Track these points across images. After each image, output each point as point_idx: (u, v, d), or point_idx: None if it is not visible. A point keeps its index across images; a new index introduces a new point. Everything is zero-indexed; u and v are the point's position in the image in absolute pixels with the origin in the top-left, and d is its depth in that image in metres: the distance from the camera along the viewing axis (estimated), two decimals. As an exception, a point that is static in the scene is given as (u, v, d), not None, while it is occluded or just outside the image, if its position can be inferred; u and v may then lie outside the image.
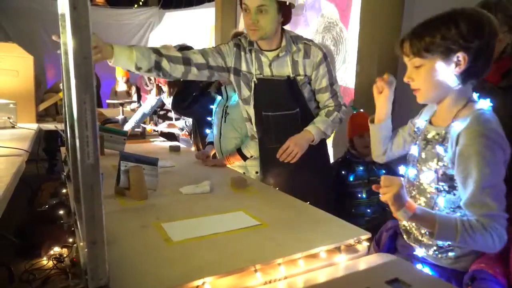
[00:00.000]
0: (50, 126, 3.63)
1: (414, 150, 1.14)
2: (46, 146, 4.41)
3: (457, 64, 0.96)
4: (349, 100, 2.84)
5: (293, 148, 1.57)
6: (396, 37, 2.45)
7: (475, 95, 1.05)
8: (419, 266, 1.11)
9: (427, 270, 1.10)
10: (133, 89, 5.23)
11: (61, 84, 2.89)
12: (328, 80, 1.70)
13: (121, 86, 5.18)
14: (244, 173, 2.07)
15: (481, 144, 0.92)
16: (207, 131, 2.39)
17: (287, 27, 1.73)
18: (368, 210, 2.17)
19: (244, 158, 2.06)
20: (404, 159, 1.23)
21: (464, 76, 0.98)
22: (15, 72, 3.40)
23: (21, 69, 3.41)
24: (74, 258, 2.33)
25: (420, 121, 1.18)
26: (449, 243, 1.04)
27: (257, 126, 1.82)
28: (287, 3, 1.59)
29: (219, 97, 2.30)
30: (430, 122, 1.12)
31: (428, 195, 1.07)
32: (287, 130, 1.67)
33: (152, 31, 6.65)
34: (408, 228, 1.18)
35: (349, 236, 1.14)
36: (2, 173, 1.71)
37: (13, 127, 3.09)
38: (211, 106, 2.37)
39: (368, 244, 1.14)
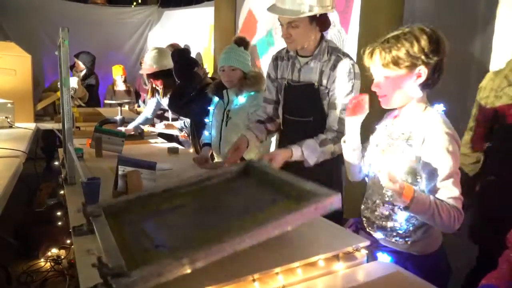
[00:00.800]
0: (48, 125, 3.61)
1: (377, 150, 1.28)
2: (44, 145, 4.40)
3: (418, 76, 1.14)
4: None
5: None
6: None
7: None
8: (379, 254, 1.19)
9: (386, 256, 1.17)
10: (132, 88, 5.21)
11: (59, 83, 2.88)
12: (344, 97, 1.59)
13: (120, 86, 5.15)
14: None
15: (445, 141, 1.11)
16: (206, 133, 2.38)
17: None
18: None
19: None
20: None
21: (423, 86, 1.16)
22: (13, 71, 3.38)
23: (19, 68, 3.39)
24: (72, 259, 2.33)
25: (382, 127, 1.33)
26: (407, 228, 1.21)
27: (281, 125, 1.87)
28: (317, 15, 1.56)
29: (216, 98, 2.29)
30: (391, 125, 1.28)
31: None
32: (298, 136, 1.64)
33: (151, 30, 6.62)
34: (371, 218, 1.30)
35: (347, 244, 1.13)
36: (-1, 175, 1.70)
37: (10, 126, 3.08)
38: (209, 108, 2.37)
39: (367, 251, 1.14)
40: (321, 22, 1.61)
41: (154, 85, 3.04)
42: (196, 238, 1.00)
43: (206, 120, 2.39)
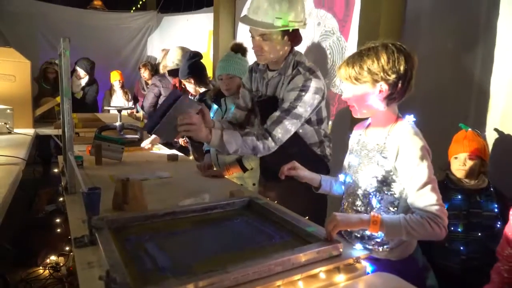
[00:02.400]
0: (47, 131, 3.61)
1: (352, 159, 1.35)
2: (40, 151, 4.40)
3: (380, 91, 1.19)
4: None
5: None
6: (396, 33, 2.48)
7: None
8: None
9: (367, 265, 1.17)
10: (129, 94, 5.21)
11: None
12: (290, 103, 1.54)
13: (118, 91, 5.15)
14: (241, 184, 2.08)
15: (418, 151, 1.16)
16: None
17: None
18: (464, 248, 1.73)
19: (244, 169, 2.06)
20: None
21: (387, 100, 1.21)
22: (12, 77, 3.38)
23: (18, 74, 3.39)
24: (71, 267, 2.32)
25: (355, 136, 1.39)
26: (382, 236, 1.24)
27: None
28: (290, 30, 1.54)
29: (215, 106, 2.30)
30: (365, 136, 1.33)
31: (365, 198, 1.28)
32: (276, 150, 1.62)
33: (150, 35, 6.63)
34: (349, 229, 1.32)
35: (348, 255, 1.14)
36: (-1, 184, 1.70)
37: (9, 132, 3.07)
38: None
39: (368, 263, 1.14)
40: (293, 36, 1.58)
41: (181, 85, 3.02)
42: (198, 265, 1.01)
43: None
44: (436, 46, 2.33)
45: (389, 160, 1.22)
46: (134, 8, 7.12)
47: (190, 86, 2.70)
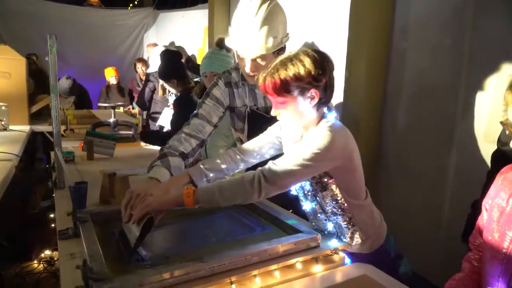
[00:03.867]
0: (42, 128, 3.63)
1: None
2: (39, 147, 4.41)
3: (312, 99, 1.16)
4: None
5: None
6: (384, 38, 2.51)
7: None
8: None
9: (344, 256, 1.19)
10: (125, 90, 5.22)
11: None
12: None
13: (113, 87, 5.16)
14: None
15: (321, 138, 1.12)
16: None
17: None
18: None
19: None
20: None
21: (318, 105, 1.19)
22: (7, 74, 3.40)
23: (13, 71, 3.42)
24: (64, 261, 2.35)
25: (289, 143, 1.33)
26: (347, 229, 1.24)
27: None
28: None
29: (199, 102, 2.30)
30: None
31: (314, 201, 1.28)
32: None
33: (146, 32, 6.64)
34: (314, 227, 1.33)
35: (326, 246, 1.16)
36: (-10, 179, 1.73)
37: (5, 129, 3.10)
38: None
39: (345, 254, 1.17)
40: (282, 49, 1.54)
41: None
42: (176, 257, 1.04)
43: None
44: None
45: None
46: (131, 5, 7.13)
47: (171, 87, 2.69)
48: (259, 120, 1.62)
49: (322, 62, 1.14)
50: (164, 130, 3.11)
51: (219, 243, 1.17)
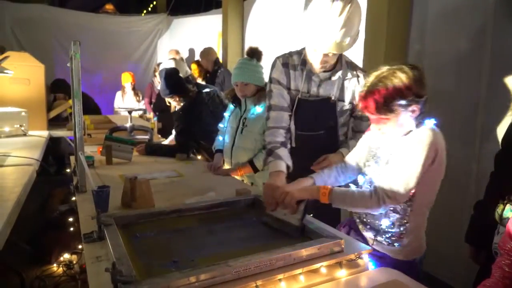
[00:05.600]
0: (60, 133, 3.70)
1: (370, 164, 1.36)
2: (53, 152, 4.48)
3: (413, 112, 1.20)
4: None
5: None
6: (402, 42, 2.49)
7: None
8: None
9: (371, 264, 1.18)
10: (140, 95, 5.28)
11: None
12: None
13: (129, 93, 5.23)
14: (252, 183, 2.10)
15: (422, 143, 1.19)
16: (220, 138, 2.41)
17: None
18: None
19: (256, 170, 2.09)
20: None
21: (418, 117, 1.23)
22: (26, 80, 3.48)
23: (32, 78, 3.49)
24: (83, 265, 2.38)
25: (369, 137, 1.42)
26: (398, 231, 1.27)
27: (293, 142, 1.76)
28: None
29: (232, 106, 2.32)
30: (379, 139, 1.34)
31: None
32: (309, 151, 1.66)
33: (160, 38, 6.72)
34: (364, 219, 1.35)
35: (350, 251, 1.15)
36: (13, 183, 1.76)
37: (24, 134, 3.17)
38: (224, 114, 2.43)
39: (370, 259, 1.15)
40: None
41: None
42: (201, 260, 1.04)
43: (221, 125, 2.42)
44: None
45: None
46: (144, 12, 7.23)
47: (174, 102, 2.74)
48: (309, 108, 1.67)
49: (420, 77, 1.18)
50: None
51: (243, 247, 1.16)
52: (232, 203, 1.50)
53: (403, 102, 1.16)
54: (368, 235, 1.34)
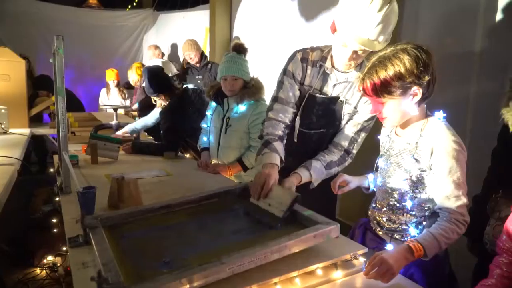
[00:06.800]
0: (42, 131, 3.59)
1: (383, 162, 1.33)
2: (36, 150, 4.36)
3: (414, 95, 1.15)
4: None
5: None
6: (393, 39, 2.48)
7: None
8: None
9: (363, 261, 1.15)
10: (126, 92, 5.16)
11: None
12: (365, 121, 1.60)
13: (113, 90, 5.11)
14: (240, 183, 2.07)
15: (453, 151, 1.14)
16: (204, 138, 2.38)
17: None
18: None
19: (245, 168, 2.06)
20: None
21: (420, 102, 1.18)
22: (6, 76, 3.35)
23: (13, 74, 3.36)
24: (68, 267, 2.30)
25: (383, 137, 1.38)
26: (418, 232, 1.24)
27: (295, 137, 1.70)
28: None
29: (214, 104, 2.29)
30: (395, 135, 1.31)
31: (400, 199, 1.26)
32: (310, 148, 1.63)
33: (146, 33, 6.60)
34: (381, 222, 1.33)
35: (345, 252, 1.13)
36: (-7, 184, 1.68)
37: (5, 132, 3.05)
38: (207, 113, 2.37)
39: (365, 259, 1.13)
40: None
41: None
42: (194, 258, 1.00)
43: (204, 125, 2.39)
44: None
45: (422, 161, 1.19)
46: (130, 6, 7.08)
47: (160, 100, 2.69)
48: (316, 106, 1.62)
49: (424, 58, 1.11)
50: None
51: (237, 240, 1.12)
52: (223, 193, 1.43)
53: (401, 84, 1.12)
54: (385, 237, 1.31)
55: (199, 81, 3.98)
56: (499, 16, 2.00)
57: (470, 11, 2.11)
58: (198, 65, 4.28)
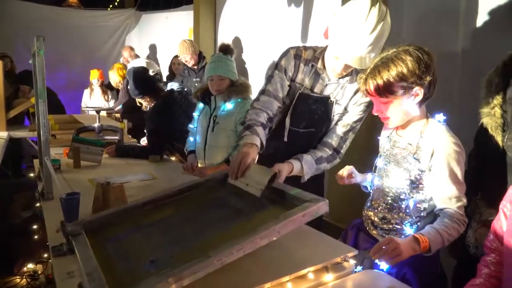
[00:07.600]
0: (21, 134, 3.47)
1: (380, 162, 1.36)
2: (11, 153, 4.21)
3: (416, 96, 1.18)
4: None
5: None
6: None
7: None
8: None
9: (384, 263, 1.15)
10: (109, 93, 5.04)
11: (33, 91, 2.75)
12: (354, 122, 1.61)
13: (96, 90, 4.99)
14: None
15: (453, 153, 1.17)
16: (191, 139, 2.35)
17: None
18: None
19: None
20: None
21: (421, 102, 1.21)
22: (-17, 77, 3.24)
23: (-11, 75, 3.25)
24: (50, 275, 2.23)
25: (383, 138, 1.39)
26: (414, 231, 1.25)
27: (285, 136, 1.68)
28: None
29: (201, 105, 2.28)
30: (396, 135, 1.32)
31: (397, 198, 1.28)
32: (301, 147, 1.62)
33: (128, 34, 6.49)
34: (375, 222, 1.34)
35: (335, 254, 1.13)
36: (-31, 191, 1.61)
37: (-19, 136, 2.95)
38: (194, 113, 2.35)
39: (355, 261, 1.14)
40: None
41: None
42: (181, 254, 0.97)
43: (191, 126, 2.36)
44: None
45: (422, 161, 1.21)
46: (111, 6, 6.95)
47: (145, 102, 2.64)
48: (306, 105, 1.61)
49: (425, 59, 1.14)
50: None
51: (224, 231, 1.08)
52: (203, 182, 1.40)
53: (404, 84, 1.14)
54: (379, 237, 1.32)
55: (196, 84, 3.91)
56: (479, 18, 2.05)
57: (452, 12, 2.15)
58: (195, 67, 4.18)
